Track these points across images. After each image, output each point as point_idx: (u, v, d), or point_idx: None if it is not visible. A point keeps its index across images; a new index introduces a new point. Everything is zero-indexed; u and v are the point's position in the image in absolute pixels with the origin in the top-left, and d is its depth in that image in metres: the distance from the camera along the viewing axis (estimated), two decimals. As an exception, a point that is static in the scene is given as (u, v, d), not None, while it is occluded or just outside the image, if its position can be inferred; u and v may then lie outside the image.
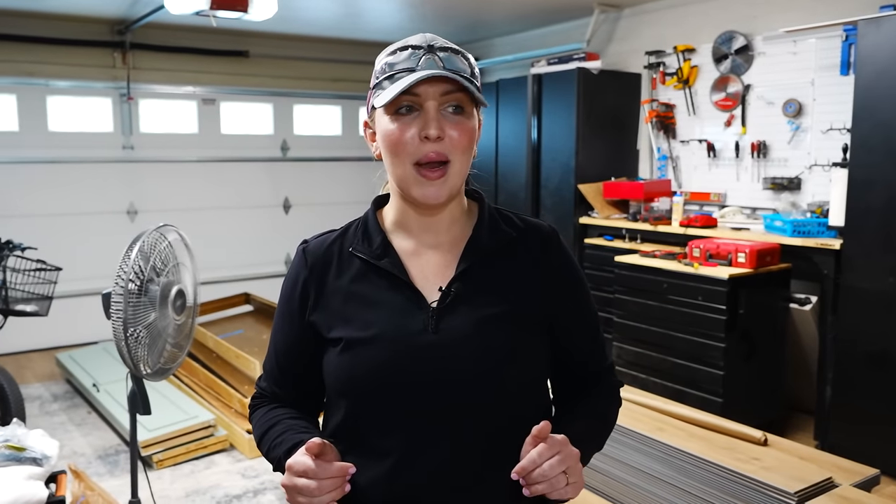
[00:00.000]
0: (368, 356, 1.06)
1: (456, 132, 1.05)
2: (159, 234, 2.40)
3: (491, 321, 1.08)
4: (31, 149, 5.46)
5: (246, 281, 6.12)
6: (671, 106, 4.89)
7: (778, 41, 4.22)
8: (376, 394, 1.06)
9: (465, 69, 1.07)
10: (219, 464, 3.61)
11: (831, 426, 3.52)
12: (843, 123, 3.84)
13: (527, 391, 1.11)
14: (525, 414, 1.08)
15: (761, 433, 2.55)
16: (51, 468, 2.32)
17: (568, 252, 1.19)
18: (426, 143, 1.04)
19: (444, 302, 1.08)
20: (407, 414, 1.05)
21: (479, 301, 1.09)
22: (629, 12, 5.14)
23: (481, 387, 1.05)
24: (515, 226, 1.17)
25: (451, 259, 1.12)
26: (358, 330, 1.08)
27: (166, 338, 2.40)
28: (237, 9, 3.41)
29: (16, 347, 5.29)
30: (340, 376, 1.09)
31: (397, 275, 1.10)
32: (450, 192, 1.07)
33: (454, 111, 1.06)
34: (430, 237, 1.13)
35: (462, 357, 1.05)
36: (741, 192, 4.52)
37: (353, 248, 1.13)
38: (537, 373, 1.13)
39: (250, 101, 6.40)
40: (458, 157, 1.06)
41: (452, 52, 1.08)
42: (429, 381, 1.05)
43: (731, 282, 3.57)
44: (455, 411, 1.05)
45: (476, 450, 1.05)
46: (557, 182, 5.04)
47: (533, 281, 1.13)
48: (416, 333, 1.06)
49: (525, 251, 1.15)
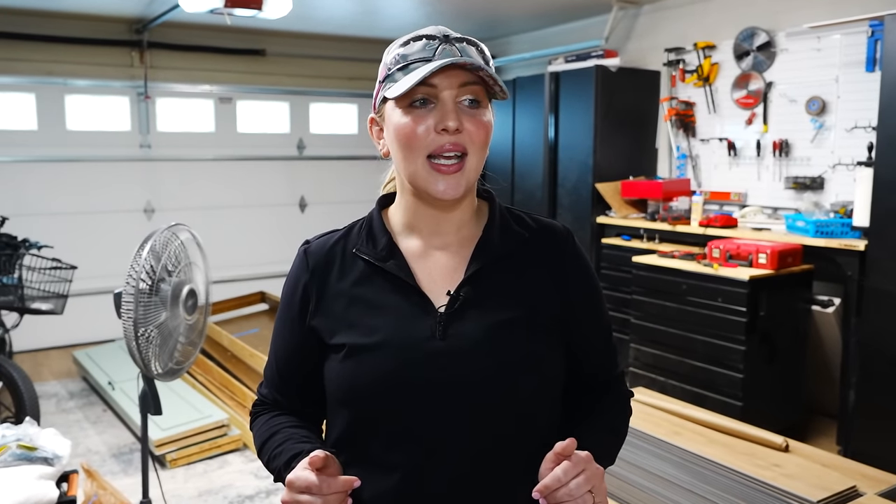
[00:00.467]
0: (372, 364, 1.01)
1: (473, 126, 1.01)
2: (171, 234, 2.38)
3: (503, 327, 1.02)
4: (50, 147, 5.49)
5: (262, 279, 6.12)
6: (691, 104, 4.81)
7: (801, 37, 4.14)
8: (380, 404, 1.01)
9: (481, 61, 1.03)
10: (232, 463, 3.60)
11: (855, 432, 3.44)
12: (869, 121, 3.75)
13: (540, 400, 1.05)
14: (539, 424, 1.04)
15: (782, 439, 2.49)
16: (62, 468, 2.31)
17: (583, 254, 1.14)
18: (443, 135, 0.99)
19: (453, 307, 1.03)
20: (413, 425, 1.00)
21: (489, 305, 1.03)
22: (648, 8, 5.07)
23: (493, 396, 1.00)
24: (528, 226, 1.11)
25: (461, 261, 1.07)
26: (361, 336, 1.03)
27: (177, 337, 2.38)
28: (252, 6, 3.40)
29: (34, 345, 5.32)
30: (342, 385, 1.04)
31: (403, 278, 1.04)
32: (466, 188, 1.03)
33: (470, 104, 1.01)
34: (438, 238, 1.08)
35: (472, 365, 1.00)
36: (762, 191, 4.44)
37: (357, 249, 1.08)
38: (552, 381, 1.07)
39: (267, 100, 6.40)
40: (475, 152, 1.02)
41: (468, 43, 1.03)
42: (437, 390, 0.99)
43: (751, 283, 3.50)
44: (464, 422, 0.99)
45: (487, 463, 1.00)
46: (575, 181, 4.98)
47: (546, 284, 1.08)
48: (422, 340, 1.01)
49: (538, 253, 1.09)
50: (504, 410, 1.01)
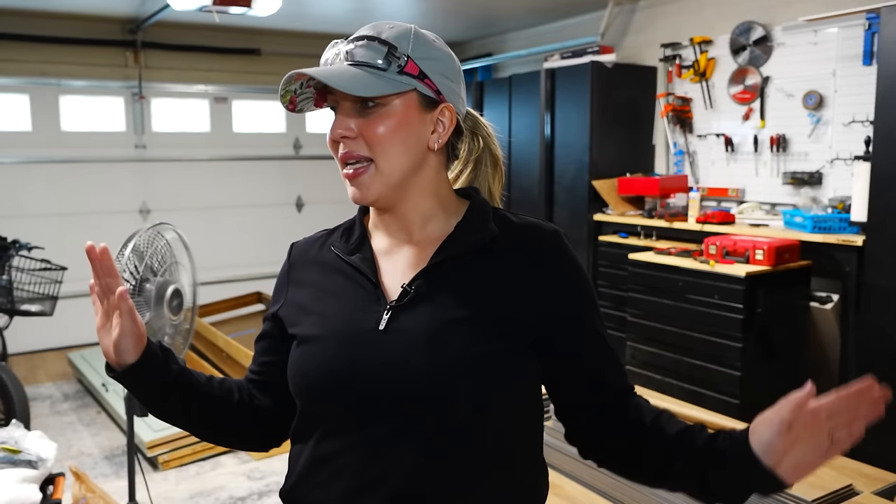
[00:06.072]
0: (315, 352, 1.00)
1: (367, 128, 0.98)
2: (155, 233, 2.35)
3: (449, 325, 0.96)
4: (44, 148, 5.47)
5: (258, 280, 6.10)
6: (687, 99, 4.77)
7: (798, 31, 4.09)
8: (320, 395, 0.99)
9: (376, 56, 0.97)
10: (225, 465, 3.57)
11: (854, 429, 3.39)
12: (866, 115, 3.70)
13: (480, 408, 0.95)
14: (479, 435, 0.95)
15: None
16: (47, 471, 2.28)
17: (571, 256, 1.04)
18: (336, 144, 1.01)
19: (402, 300, 0.99)
20: (350, 418, 0.97)
21: (442, 302, 0.98)
22: (644, 4, 5.03)
23: (421, 395, 0.93)
24: (508, 224, 1.04)
25: (426, 258, 1.03)
26: (311, 327, 1.03)
27: (162, 338, 2.35)
28: (241, 4, 3.36)
29: (29, 347, 5.30)
30: (291, 373, 1.04)
31: (362, 270, 1.03)
32: (380, 191, 1.00)
33: (364, 106, 0.98)
34: (403, 235, 1.06)
35: (408, 361, 0.95)
36: (760, 187, 4.39)
37: (333, 244, 1.09)
38: (504, 393, 0.97)
39: (262, 100, 6.38)
40: (380, 154, 0.98)
41: (366, 39, 0.98)
42: (371, 383, 0.95)
43: (748, 280, 3.46)
44: (396, 420, 0.94)
45: (421, 469, 0.94)
46: (571, 178, 4.94)
47: (521, 286, 0.99)
48: (365, 332, 0.98)
49: (516, 253, 1.02)
50: (434, 412, 0.94)
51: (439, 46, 1.03)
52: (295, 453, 1.04)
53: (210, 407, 1.10)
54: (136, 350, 1.02)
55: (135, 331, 1.01)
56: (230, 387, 1.12)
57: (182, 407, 1.09)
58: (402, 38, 0.99)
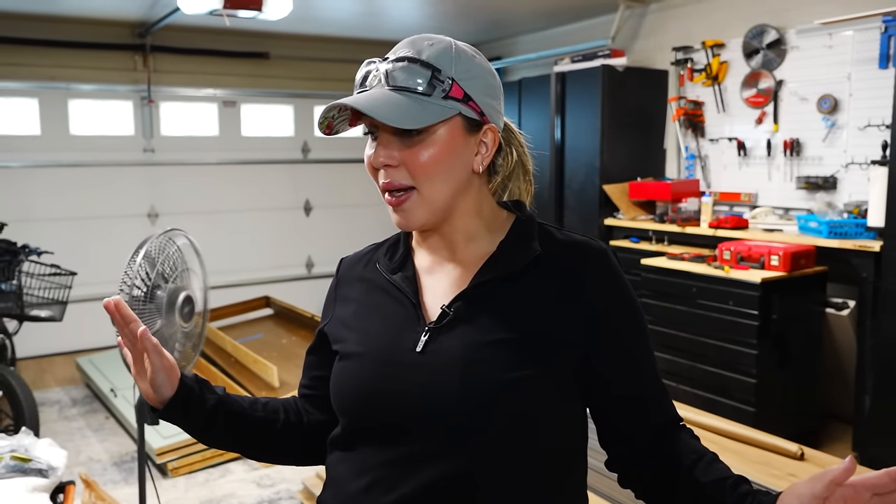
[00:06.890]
0: (354, 371, 1.01)
1: (409, 158, 0.94)
2: (167, 239, 2.33)
3: (485, 348, 0.93)
4: (53, 152, 5.47)
5: (266, 284, 6.07)
6: (699, 103, 4.73)
7: (812, 34, 4.05)
8: (359, 412, 0.99)
9: (418, 80, 0.93)
10: (234, 472, 3.55)
11: (871, 438, 3.35)
12: (882, 119, 3.66)
13: (522, 435, 0.92)
14: (515, 462, 0.92)
15: (797, 446, 2.41)
16: (57, 479, 2.26)
17: (619, 276, 1.01)
18: (377, 172, 0.98)
19: (441, 322, 0.97)
20: (384, 438, 0.96)
21: (481, 324, 0.95)
22: (655, 7, 5.00)
23: (460, 421, 0.91)
24: (553, 242, 1.01)
25: (468, 277, 1.00)
26: (354, 344, 1.03)
27: (174, 345, 2.32)
28: (251, 7, 3.35)
29: (38, 351, 5.29)
30: (333, 389, 1.04)
31: (403, 290, 1.02)
32: (424, 218, 0.98)
33: (404, 133, 0.94)
34: (447, 253, 1.03)
35: (442, 385, 0.93)
36: (773, 191, 4.35)
37: (377, 260, 1.09)
38: (542, 417, 0.94)
39: (271, 103, 6.36)
40: (423, 183, 0.95)
41: (408, 61, 0.93)
42: (407, 405, 0.94)
43: (763, 286, 3.42)
44: (433, 442, 0.92)
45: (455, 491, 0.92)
46: (581, 182, 4.91)
47: (564, 306, 0.96)
48: (403, 353, 0.97)
49: (561, 272, 0.98)
50: (470, 436, 0.91)
51: (479, 63, 0.99)
52: (334, 460, 1.04)
53: (256, 430, 1.10)
54: (170, 384, 1.03)
55: (165, 364, 1.02)
56: (276, 407, 1.13)
57: (228, 434, 1.10)
58: (444, 58, 0.95)
